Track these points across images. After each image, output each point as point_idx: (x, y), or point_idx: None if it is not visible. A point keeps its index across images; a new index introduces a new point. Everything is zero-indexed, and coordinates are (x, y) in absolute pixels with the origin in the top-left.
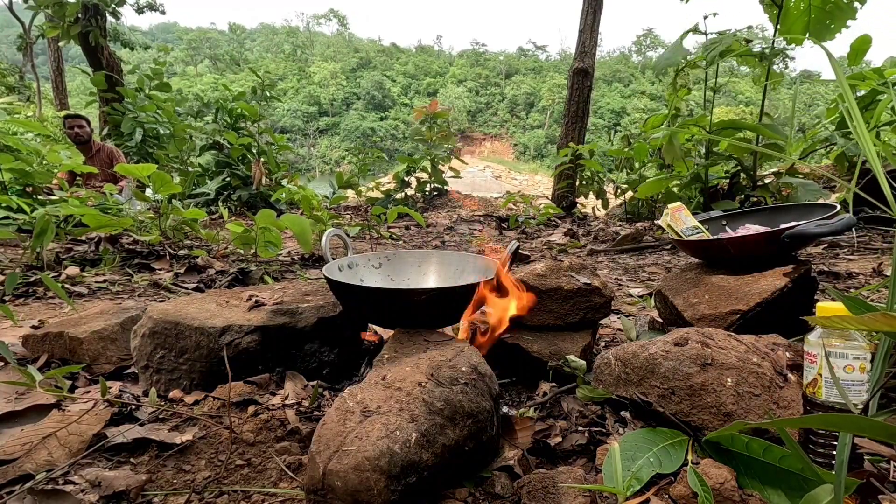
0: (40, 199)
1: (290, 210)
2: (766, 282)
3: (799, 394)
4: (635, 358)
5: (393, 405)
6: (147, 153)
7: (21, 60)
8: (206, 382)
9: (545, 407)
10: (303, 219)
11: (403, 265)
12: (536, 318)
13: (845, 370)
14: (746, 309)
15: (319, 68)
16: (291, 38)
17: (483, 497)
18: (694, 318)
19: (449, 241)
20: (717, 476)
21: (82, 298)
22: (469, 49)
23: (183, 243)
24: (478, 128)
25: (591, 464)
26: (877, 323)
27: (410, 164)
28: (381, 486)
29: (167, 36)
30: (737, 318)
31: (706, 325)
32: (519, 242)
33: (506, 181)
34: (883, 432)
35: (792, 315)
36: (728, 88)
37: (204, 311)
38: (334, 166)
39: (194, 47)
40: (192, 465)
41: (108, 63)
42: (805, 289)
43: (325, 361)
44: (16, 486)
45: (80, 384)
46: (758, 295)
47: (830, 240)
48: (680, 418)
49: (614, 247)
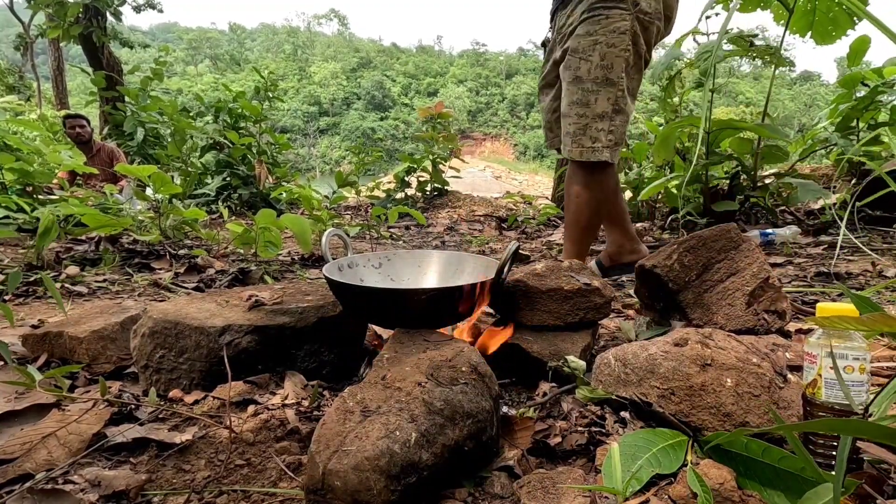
0: (40, 199)
1: (290, 210)
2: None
3: (799, 394)
4: (635, 358)
5: (393, 405)
6: (148, 153)
7: (20, 60)
8: (206, 382)
9: (545, 407)
10: (303, 219)
11: (403, 265)
12: (536, 318)
13: (845, 370)
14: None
15: (320, 68)
16: (292, 37)
17: (483, 497)
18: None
19: (449, 241)
20: (717, 476)
21: (82, 298)
22: (469, 49)
23: (183, 243)
24: (478, 128)
25: (590, 464)
26: (877, 323)
27: (411, 164)
28: (381, 485)
29: (167, 36)
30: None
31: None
32: (519, 243)
33: (506, 181)
34: (882, 435)
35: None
36: (728, 88)
37: (204, 310)
38: (334, 166)
39: (194, 47)
40: (192, 465)
41: (108, 63)
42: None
43: (325, 361)
44: (15, 485)
45: (79, 384)
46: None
47: (830, 240)
48: (680, 419)
49: None
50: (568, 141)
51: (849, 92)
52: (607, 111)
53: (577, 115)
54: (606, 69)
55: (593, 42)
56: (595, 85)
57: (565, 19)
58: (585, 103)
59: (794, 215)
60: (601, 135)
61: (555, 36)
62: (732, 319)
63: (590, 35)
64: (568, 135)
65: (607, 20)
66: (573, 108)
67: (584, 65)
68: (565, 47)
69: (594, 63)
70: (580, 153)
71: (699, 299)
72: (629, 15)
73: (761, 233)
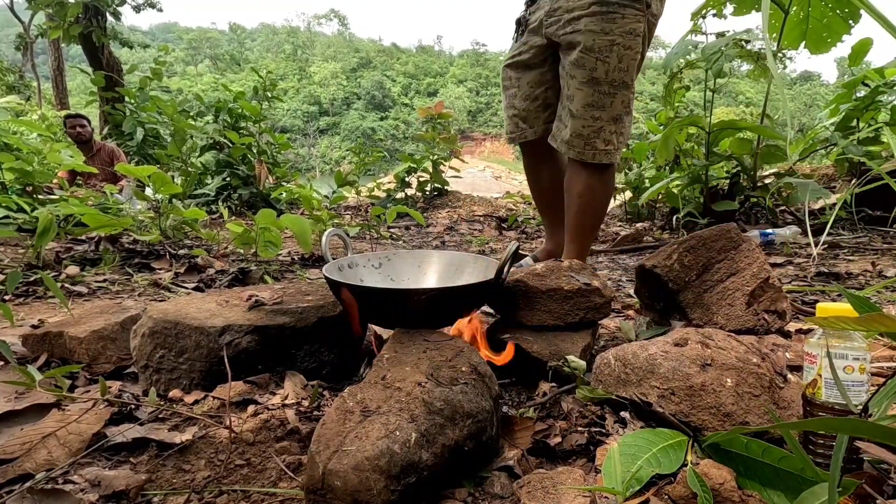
0: (40, 199)
1: (290, 210)
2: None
3: (799, 394)
4: (635, 358)
5: (393, 405)
6: (148, 153)
7: (21, 60)
8: (206, 382)
9: (545, 407)
10: (303, 219)
11: (403, 265)
12: (536, 318)
13: (845, 371)
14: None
15: (320, 68)
16: (292, 37)
17: (483, 497)
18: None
19: (449, 241)
20: (717, 476)
21: (82, 298)
22: (469, 49)
23: (183, 243)
24: (478, 128)
25: (590, 464)
26: (876, 323)
27: (411, 164)
28: (381, 485)
29: (167, 36)
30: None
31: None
32: (519, 243)
33: (506, 181)
34: (882, 434)
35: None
36: (728, 88)
37: (204, 310)
38: (334, 166)
39: (194, 47)
40: (192, 465)
41: (108, 63)
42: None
43: (325, 361)
44: (15, 485)
45: (79, 384)
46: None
47: (831, 240)
48: (680, 419)
49: (614, 247)
50: (579, 143)
51: (849, 92)
52: (620, 114)
53: (591, 118)
54: (623, 72)
55: (610, 42)
56: (612, 87)
57: (564, 1)
58: (602, 106)
59: (794, 215)
60: (613, 137)
61: (546, 17)
62: (732, 319)
63: (606, 34)
64: (580, 137)
65: (623, 20)
66: (588, 111)
67: (602, 66)
68: (571, 40)
69: (612, 65)
70: (593, 156)
71: (699, 299)
72: (643, 17)
73: (761, 233)
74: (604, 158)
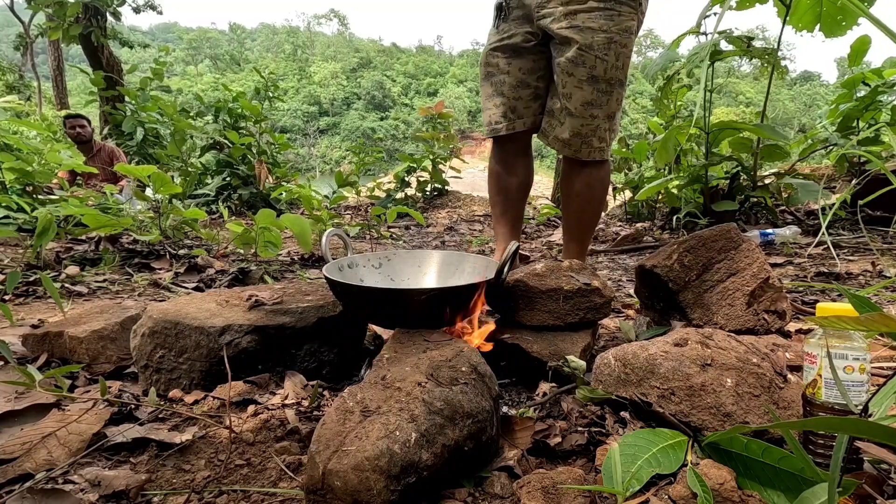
0: (40, 199)
1: (290, 210)
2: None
3: (799, 394)
4: (635, 358)
5: (393, 405)
6: (148, 153)
7: (20, 60)
8: (206, 382)
9: (545, 407)
10: (303, 219)
11: (403, 265)
12: (536, 318)
13: (845, 371)
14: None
15: (320, 68)
16: (292, 37)
17: (483, 497)
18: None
19: (449, 241)
20: (717, 476)
21: (82, 298)
22: (469, 49)
23: (183, 243)
24: (478, 128)
25: (590, 464)
26: (876, 323)
27: (411, 164)
28: (381, 485)
29: (167, 36)
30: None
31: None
32: (519, 243)
33: None
34: (882, 434)
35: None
36: (728, 88)
37: (204, 310)
38: (334, 166)
39: (194, 47)
40: (192, 465)
41: (108, 63)
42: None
43: (325, 361)
44: (15, 485)
45: (79, 384)
46: None
47: (832, 239)
48: (680, 419)
49: (614, 247)
50: (577, 141)
51: (849, 92)
52: (614, 112)
53: (590, 116)
54: (619, 70)
55: (608, 40)
56: (609, 86)
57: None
58: (599, 104)
59: (794, 215)
60: (607, 135)
61: (536, 8)
62: (732, 319)
63: (604, 31)
64: (577, 135)
65: (619, 17)
66: (588, 109)
67: (601, 64)
68: (568, 35)
69: (610, 64)
70: (589, 153)
71: (699, 299)
72: (636, 14)
73: (761, 233)
74: (598, 156)
